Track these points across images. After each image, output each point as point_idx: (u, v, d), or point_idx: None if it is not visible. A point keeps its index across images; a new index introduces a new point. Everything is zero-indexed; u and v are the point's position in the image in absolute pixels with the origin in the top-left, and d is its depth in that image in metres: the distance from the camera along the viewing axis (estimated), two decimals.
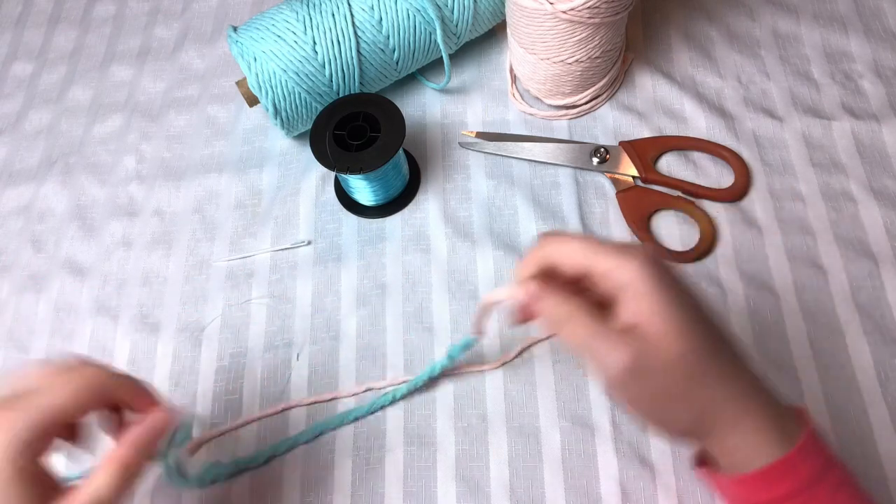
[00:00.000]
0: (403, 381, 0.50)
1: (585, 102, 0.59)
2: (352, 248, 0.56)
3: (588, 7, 0.48)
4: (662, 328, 0.32)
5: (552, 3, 0.49)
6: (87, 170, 0.62)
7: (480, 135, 0.59)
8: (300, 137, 0.61)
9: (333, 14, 0.54)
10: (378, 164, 0.51)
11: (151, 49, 0.68)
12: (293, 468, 0.48)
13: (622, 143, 0.57)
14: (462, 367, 0.50)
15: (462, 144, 0.59)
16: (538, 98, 0.60)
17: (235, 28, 0.55)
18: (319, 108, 0.56)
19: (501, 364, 0.50)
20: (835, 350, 0.49)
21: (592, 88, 0.58)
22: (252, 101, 0.57)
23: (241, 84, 0.56)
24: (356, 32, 0.54)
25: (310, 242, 0.57)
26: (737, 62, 0.61)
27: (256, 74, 0.53)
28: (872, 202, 0.54)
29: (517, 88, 0.61)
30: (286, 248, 0.57)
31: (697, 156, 0.57)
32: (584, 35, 0.51)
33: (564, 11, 0.49)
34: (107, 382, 0.36)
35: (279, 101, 0.54)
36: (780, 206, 0.54)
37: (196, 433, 0.49)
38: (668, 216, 0.55)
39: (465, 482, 0.47)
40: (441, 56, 0.59)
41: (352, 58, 0.55)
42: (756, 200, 0.55)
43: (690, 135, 0.58)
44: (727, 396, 0.33)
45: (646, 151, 0.57)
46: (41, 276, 0.57)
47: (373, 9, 0.54)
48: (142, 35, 0.69)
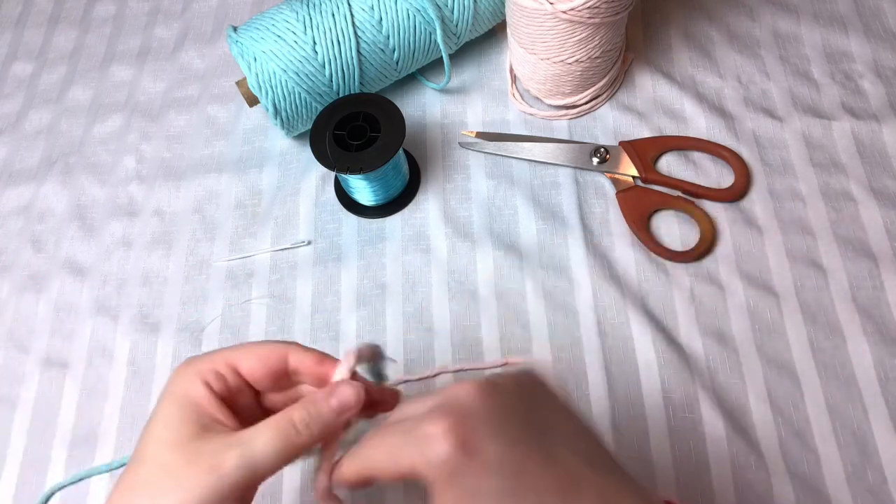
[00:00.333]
0: (403, 381, 0.50)
1: (585, 102, 0.59)
2: (352, 248, 0.56)
3: (588, 7, 0.48)
4: None
5: (552, 3, 0.49)
6: (87, 170, 0.62)
7: (480, 135, 0.59)
8: (300, 137, 0.61)
9: (333, 14, 0.54)
10: (378, 164, 0.51)
11: (151, 49, 0.68)
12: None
13: (622, 143, 0.57)
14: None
15: (462, 144, 0.59)
16: (538, 98, 0.60)
17: (235, 28, 0.55)
18: (319, 108, 0.56)
19: None
20: (835, 350, 0.49)
21: (592, 88, 0.58)
22: (252, 101, 0.57)
23: (241, 84, 0.56)
24: (356, 32, 0.54)
25: (310, 242, 0.57)
26: (737, 62, 0.61)
27: (256, 74, 0.53)
28: (872, 202, 0.54)
29: (517, 88, 0.61)
30: (286, 248, 0.57)
31: (697, 156, 0.57)
32: (584, 35, 0.51)
33: (564, 11, 0.49)
34: (297, 349, 0.34)
35: (279, 101, 0.54)
36: (780, 206, 0.54)
37: None
38: (668, 216, 0.55)
39: None
40: (441, 56, 0.59)
41: (352, 58, 0.55)
42: (756, 200, 0.55)
43: (690, 135, 0.58)
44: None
45: (646, 151, 0.57)
46: (41, 276, 0.57)
47: (373, 9, 0.54)
48: (142, 35, 0.69)
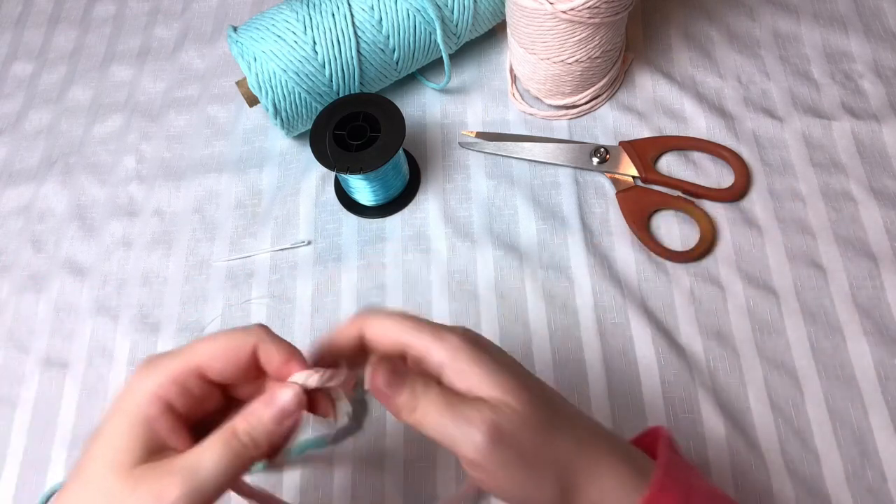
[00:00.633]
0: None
1: (585, 102, 0.59)
2: (352, 248, 0.56)
3: (588, 7, 0.48)
4: (496, 392, 0.31)
5: (552, 3, 0.49)
6: (87, 170, 0.62)
7: (480, 135, 0.59)
8: (300, 137, 0.61)
9: (333, 14, 0.54)
10: (378, 164, 0.51)
11: (151, 49, 0.68)
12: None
13: (622, 143, 0.57)
14: None
15: (462, 144, 0.59)
16: (538, 98, 0.60)
17: (235, 28, 0.55)
18: (319, 108, 0.56)
19: None
20: (835, 350, 0.49)
21: (592, 88, 0.58)
22: (252, 101, 0.57)
23: (241, 84, 0.56)
24: (356, 32, 0.54)
25: (310, 242, 0.57)
26: (737, 62, 0.61)
27: (256, 74, 0.53)
28: (872, 202, 0.54)
29: (517, 88, 0.61)
30: (286, 248, 0.57)
31: (697, 156, 0.57)
32: (584, 35, 0.51)
33: (564, 11, 0.49)
34: (265, 340, 0.32)
35: (279, 101, 0.54)
36: (780, 206, 0.54)
37: None
38: (668, 216, 0.55)
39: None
40: (441, 56, 0.59)
41: (352, 58, 0.55)
42: (756, 200, 0.55)
43: (690, 135, 0.58)
44: (581, 444, 0.32)
45: (646, 151, 0.57)
46: (41, 276, 0.57)
47: (373, 9, 0.54)
48: (142, 35, 0.69)
